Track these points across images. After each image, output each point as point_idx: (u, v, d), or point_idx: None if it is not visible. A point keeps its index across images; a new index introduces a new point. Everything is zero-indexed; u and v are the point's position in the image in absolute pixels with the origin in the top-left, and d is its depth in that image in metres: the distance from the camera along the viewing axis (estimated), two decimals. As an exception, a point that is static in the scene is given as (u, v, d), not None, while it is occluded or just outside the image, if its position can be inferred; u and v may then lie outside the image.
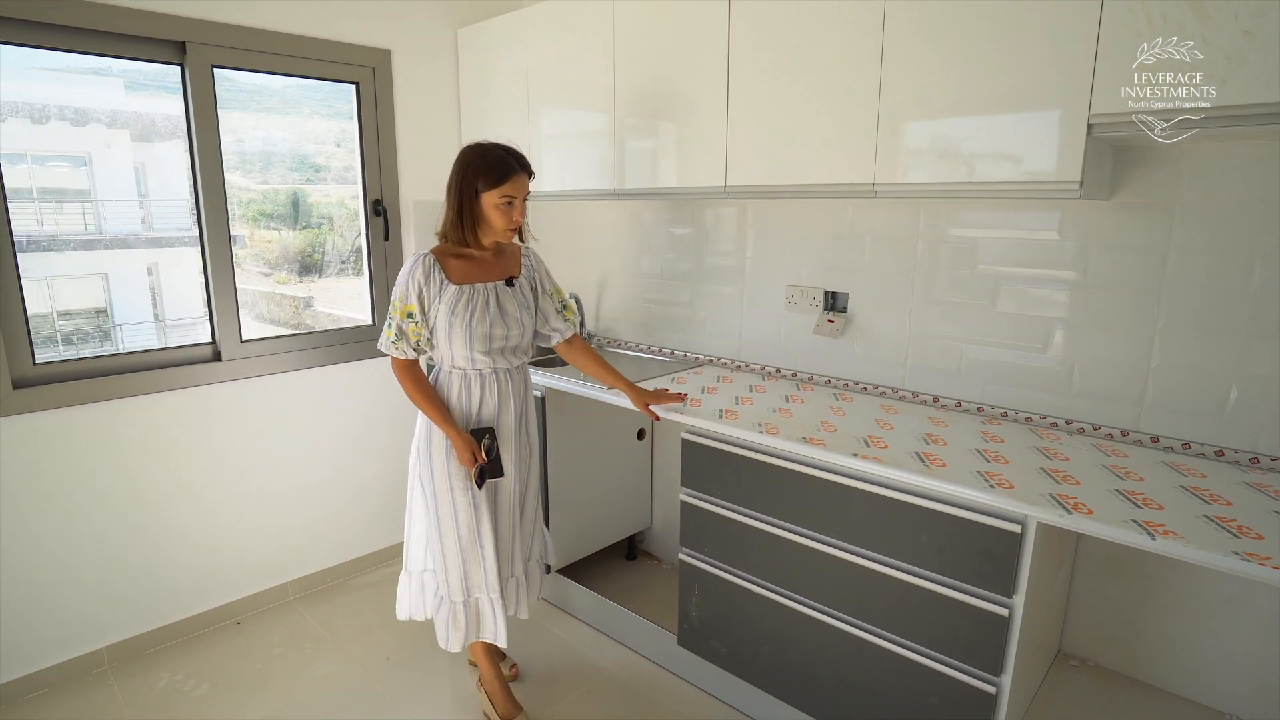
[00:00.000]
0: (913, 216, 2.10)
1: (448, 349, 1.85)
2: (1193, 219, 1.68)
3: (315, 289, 3.29)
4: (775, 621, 1.94)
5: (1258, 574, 1.20)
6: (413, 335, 1.82)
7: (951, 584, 1.59)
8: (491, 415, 1.91)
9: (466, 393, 1.89)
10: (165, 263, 3.68)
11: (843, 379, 2.32)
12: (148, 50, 2.23)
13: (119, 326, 3.16)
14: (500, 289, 1.88)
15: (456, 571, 1.93)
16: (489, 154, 1.77)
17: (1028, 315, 1.95)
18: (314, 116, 3.02)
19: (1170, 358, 1.75)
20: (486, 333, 1.83)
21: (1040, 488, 1.51)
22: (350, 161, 2.82)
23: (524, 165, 1.81)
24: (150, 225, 3.21)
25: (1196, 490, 1.51)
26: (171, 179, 3.12)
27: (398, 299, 1.82)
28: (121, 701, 2.22)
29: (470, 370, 1.88)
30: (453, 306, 1.80)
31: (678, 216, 2.72)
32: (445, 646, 1.99)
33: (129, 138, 2.87)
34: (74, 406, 2.21)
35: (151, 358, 2.37)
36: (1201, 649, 1.80)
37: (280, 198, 2.97)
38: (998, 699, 1.57)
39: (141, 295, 3.60)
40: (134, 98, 2.61)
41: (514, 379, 1.95)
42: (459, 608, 1.96)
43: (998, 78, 1.59)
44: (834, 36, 1.83)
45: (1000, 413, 2.02)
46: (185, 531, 2.49)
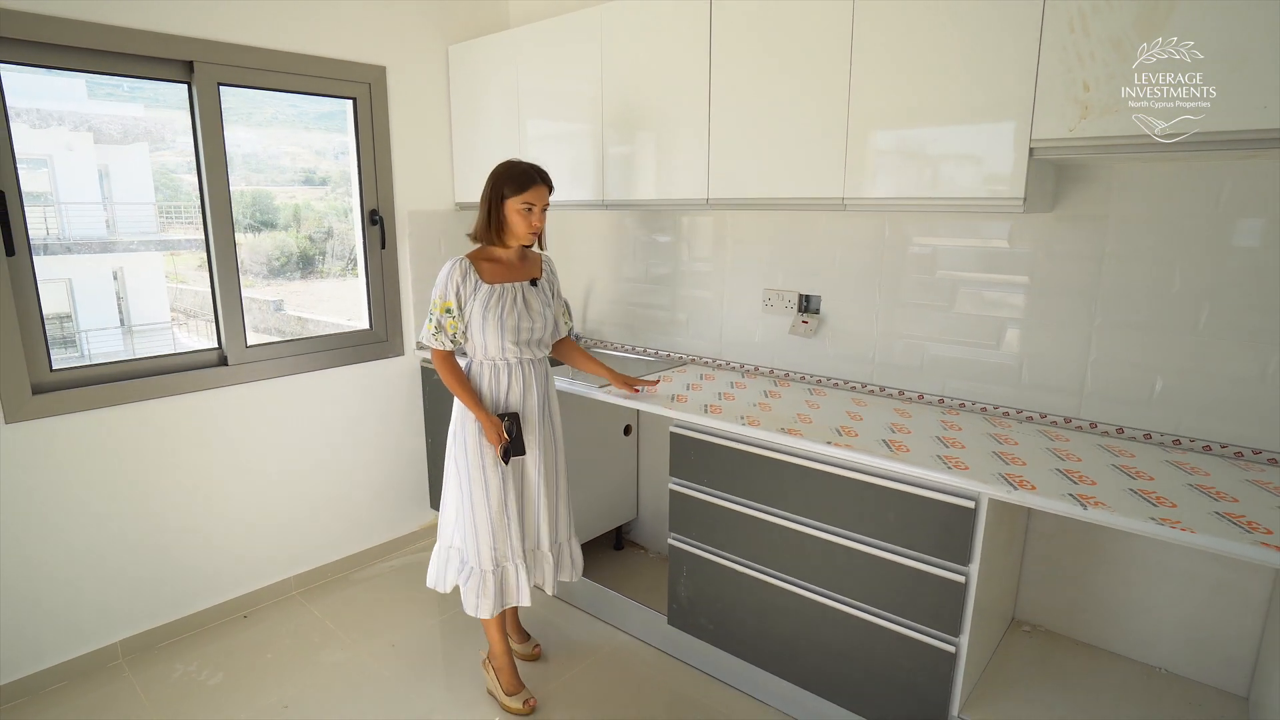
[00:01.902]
0: (879, 226, 2.30)
1: (481, 340, 2.07)
2: (1123, 230, 1.90)
3: (286, 292, 3.37)
4: (757, 597, 2.12)
5: (1170, 536, 1.41)
6: (450, 329, 2.06)
7: (915, 555, 1.79)
8: (518, 401, 2.12)
9: (496, 381, 2.10)
10: (130, 267, 3.68)
11: (817, 375, 2.52)
12: (157, 69, 2.34)
13: (83, 333, 3.17)
14: (526, 288, 2.11)
15: (487, 541, 2.12)
16: (515, 166, 2.04)
17: (982, 316, 2.15)
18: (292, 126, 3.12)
19: (1105, 353, 1.97)
20: (515, 325, 2.06)
21: (991, 469, 1.71)
22: (316, 164, 2.94)
23: (545, 179, 2.06)
24: (114, 229, 3.21)
25: (1125, 468, 1.72)
26: (135, 183, 3.13)
27: (437, 297, 2.06)
28: (139, 691, 2.33)
29: (500, 361, 2.10)
30: (486, 302, 2.04)
31: (660, 225, 2.89)
32: (474, 613, 2.17)
33: (92, 141, 2.89)
34: (88, 411, 2.31)
35: (161, 363, 2.47)
36: (1136, 611, 2.02)
37: (246, 199, 3.02)
38: (957, 657, 1.77)
39: (106, 300, 3.60)
40: (96, 103, 2.62)
41: (537, 369, 2.17)
42: (488, 576, 2.14)
43: (953, 106, 1.79)
44: (806, 65, 2.01)
45: (959, 404, 2.22)
46: (193, 530, 2.60)
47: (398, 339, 3.09)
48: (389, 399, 3.10)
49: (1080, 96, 1.60)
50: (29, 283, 2.16)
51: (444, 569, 2.27)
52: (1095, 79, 1.58)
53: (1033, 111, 1.67)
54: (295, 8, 2.58)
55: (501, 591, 2.17)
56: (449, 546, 2.26)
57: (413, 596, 2.86)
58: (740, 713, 2.20)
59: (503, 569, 2.16)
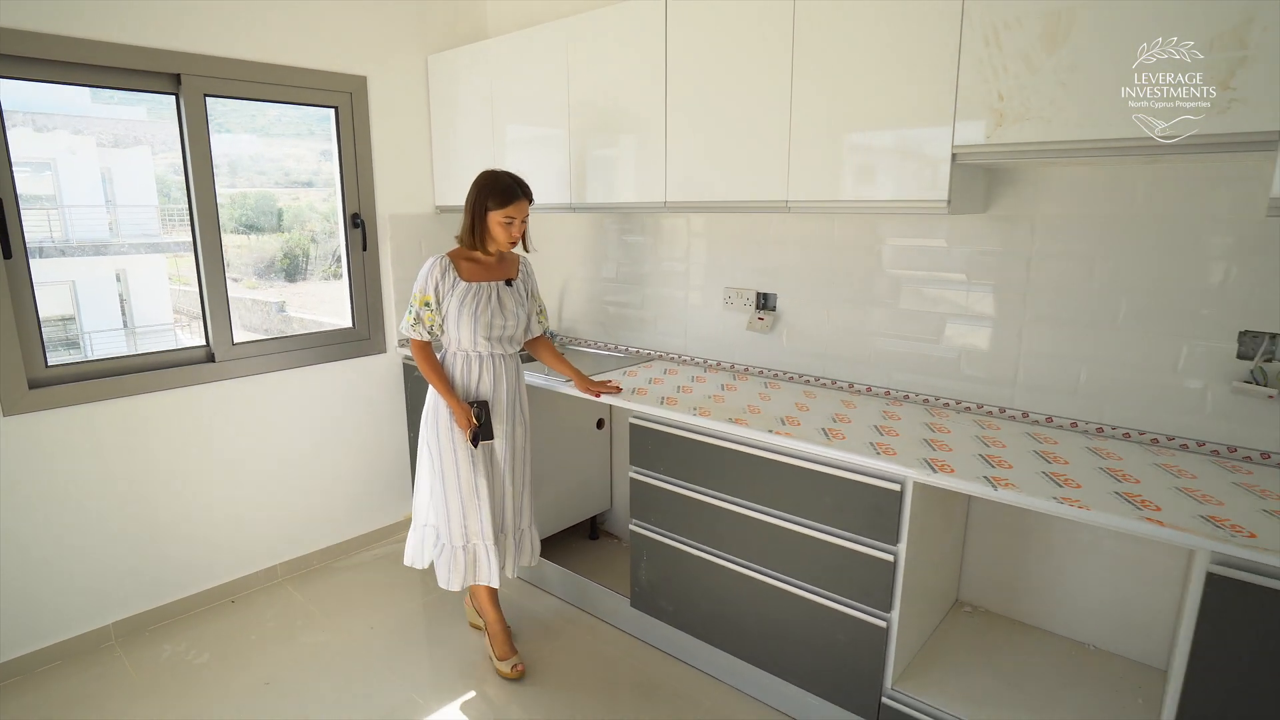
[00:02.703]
0: (829, 227, 2.42)
1: (456, 333, 2.22)
2: (1047, 229, 2.01)
3: (281, 294, 3.48)
4: (711, 580, 2.24)
5: (1069, 513, 1.53)
6: (428, 320, 2.22)
7: (849, 536, 1.90)
8: (488, 391, 2.27)
9: (468, 371, 2.25)
10: (133, 269, 3.77)
11: (772, 369, 2.64)
12: (146, 82, 2.47)
13: (87, 334, 3.26)
14: (501, 287, 2.25)
15: (458, 519, 2.28)
16: (500, 179, 2.17)
17: (924, 312, 2.27)
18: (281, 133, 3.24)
19: (1035, 346, 2.08)
20: (489, 321, 2.21)
21: (918, 454, 1.82)
22: (302, 168, 3.07)
23: (526, 193, 2.19)
24: (117, 231, 3.29)
25: (1045, 454, 1.84)
26: (138, 186, 3.20)
27: (418, 290, 2.21)
28: (130, 669, 2.46)
29: (472, 353, 2.25)
30: (462, 299, 2.19)
31: (629, 227, 3.02)
32: (445, 586, 2.33)
33: (94, 145, 2.97)
34: (82, 405, 2.44)
35: (151, 359, 2.61)
36: (1068, 590, 2.13)
37: (249, 202, 3.13)
38: (889, 631, 1.89)
39: (110, 302, 3.68)
40: (99, 107, 2.69)
41: (507, 363, 2.30)
42: (459, 552, 2.30)
43: (884, 115, 1.91)
44: (752, 78, 2.14)
45: (903, 395, 2.34)
46: (182, 518, 2.73)
47: (380, 337, 3.22)
48: (371, 395, 3.23)
49: (996, 105, 1.72)
50: (25, 283, 2.30)
51: (420, 546, 2.43)
52: (1008, 89, 1.70)
53: (954, 119, 1.79)
54: (279, 21, 2.72)
55: (473, 567, 2.33)
56: (424, 525, 2.41)
57: (393, 583, 2.99)
58: (696, 690, 2.32)
59: (473, 546, 2.31)
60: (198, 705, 2.28)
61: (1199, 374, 1.84)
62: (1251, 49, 1.38)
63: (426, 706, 2.26)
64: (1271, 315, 1.72)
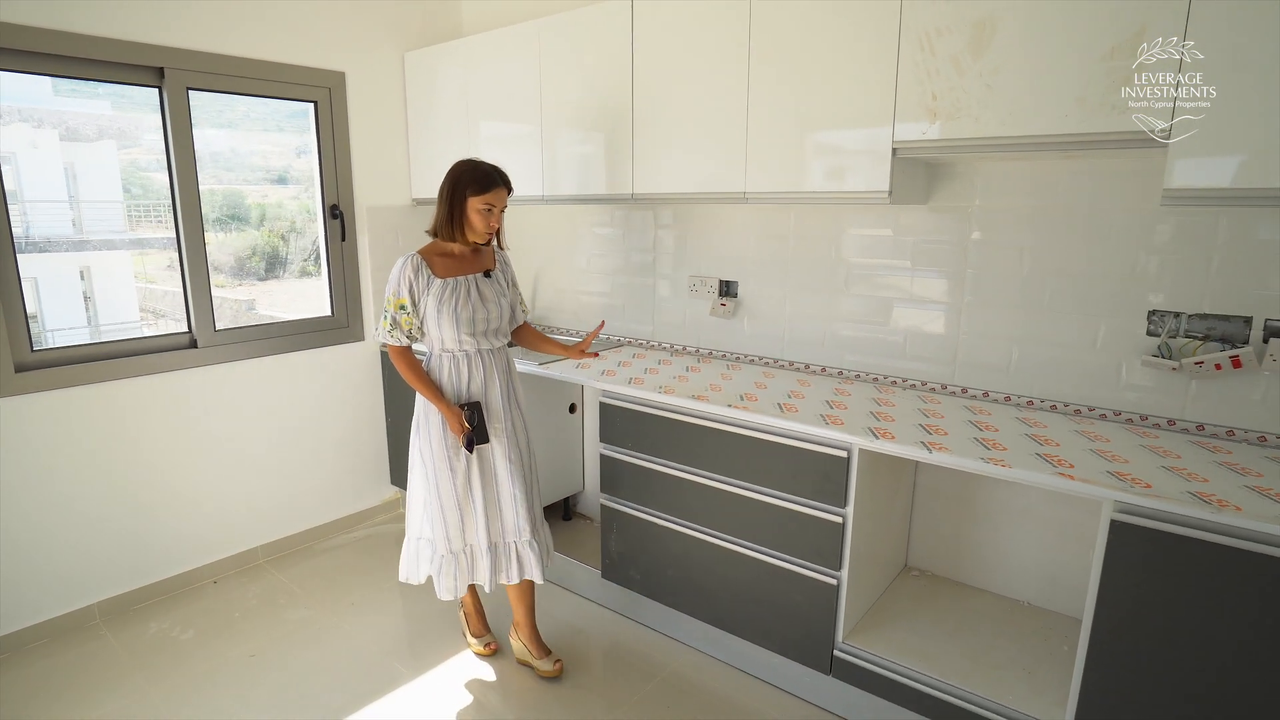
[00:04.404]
0: (784, 217, 2.58)
1: (438, 333, 2.12)
2: (982, 219, 2.19)
3: (254, 292, 3.51)
4: (677, 548, 2.39)
5: (994, 472, 1.70)
6: (405, 324, 2.11)
7: (802, 501, 2.06)
8: (480, 391, 2.17)
9: (456, 372, 2.16)
10: (98, 266, 3.75)
11: (734, 352, 2.80)
12: (130, 75, 2.55)
13: (50, 333, 3.26)
14: (479, 279, 2.17)
15: (455, 525, 2.19)
16: (479, 167, 2.09)
17: (873, 297, 2.44)
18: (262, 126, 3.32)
19: (972, 327, 2.26)
20: (470, 316, 2.12)
21: (864, 424, 1.99)
22: (282, 162, 3.16)
23: (505, 181, 2.12)
24: (81, 227, 3.29)
25: (978, 423, 2.01)
26: (103, 181, 3.18)
27: (391, 294, 2.11)
28: (116, 646, 2.54)
29: (458, 352, 2.15)
30: (440, 296, 2.09)
31: (599, 219, 3.15)
32: (443, 596, 2.23)
33: (57, 138, 2.98)
34: (68, 388, 2.52)
35: (135, 345, 2.69)
36: (1005, 552, 2.32)
37: (216, 198, 3.12)
38: (839, 589, 2.05)
39: (74, 300, 3.66)
40: (62, 100, 2.65)
41: (497, 358, 2.21)
42: (459, 557, 2.22)
43: (831, 112, 2.07)
44: (711, 76, 2.29)
45: (854, 375, 2.51)
46: (166, 500, 2.81)
47: (358, 325, 3.32)
48: (350, 381, 3.33)
49: (930, 105, 1.89)
50: (11, 267, 2.36)
51: (414, 561, 2.33)
52: (941, 90, 1.86)
53: (894, 117, 1.95)
54: (261, 17, 2.81)
55: (469, 571, 2.24)
56: (418, 538, 2.31)
57: (373, 564, 3.10)
58: (662, 653, 2.47)
59: (471, 549, 2.23)
60: (185, 677, 2.37)
61: (1115, 350, 2.03)
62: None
63: (407, 675, 2.38)
64: (1175, 296, 1.92)
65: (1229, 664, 1.47)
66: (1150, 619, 1.55)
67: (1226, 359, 1.83)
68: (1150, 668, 1.57)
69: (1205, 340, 1.89)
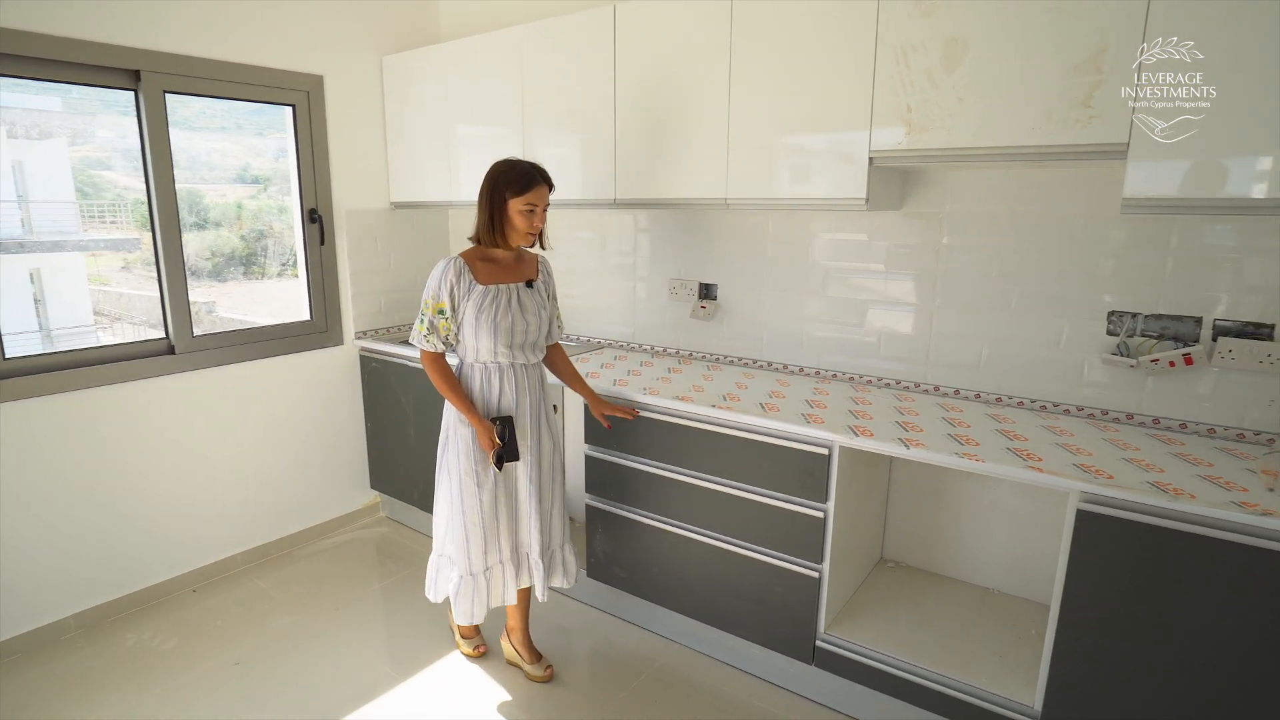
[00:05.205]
0: (763, 222, 2.66)
1: (473, 342, 2.06)
2: (953, 224, 2.29)
3: (220, 293, 3.47)
4: (662, 546, 2.44)
5: (968, 466, 1.79)
6: (443, 329, 2.05)
7: (784, 498, 2.14)
8: (510, 405, 2.11)
9: (487, 384, 2.10)
10: (49, 268, 3.65)
11: (714, 354, 2.87)
12: (105, 78, 2.52)
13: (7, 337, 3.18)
14: (521, 289, 2.10)
15: (478, 545, 2.15)
16: (516, 167, 2.03)
17: (848, 299, 2.53)
18: (239, 129, 3.29)
19: (944, 328, 2.36)
20: (509, 327, 2.05)
21: (844, 423, 2.07)
22: (256, 164, 3.15)
23: (545, 178, 2.05)
24: (30, 227, 3.21)
25: (951, 420, 2.11)
26: (53, 180, 3.10)
27: (430, 297, 2.04)
28: (94, 658, 2.50)
29: (491, 364, 2.09)
30: (480, 303, 2.03)
31: (579, 222, 3.20)
32: (466, 620, 2.20)
33: (4, 135, 2.91)
34: (42, 396, 2.48)
35: (111, 351, 2.65)
36: (976, 542, 2.42)
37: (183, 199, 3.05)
38: (821, 581, 2.13)
39: (23, 303, 3.56)
40: (5, 94, 2.50)
41: (529, 374, 2.16)
42: (479, 579, 2.18)
43: (811, 122, 2.15)
44: (694, 86, 2.35)
45: (831, 374, 2.60)
46: (142, 509, 2.78)
47: (337, 329, 3.31)
48: (330, 386, 3.32)
49: (905, 116, 1.98)
50: (-16, 276, 2.32)
51: (435, 577, 2.30)
52: (916, 103, 1.95)
53: (871, 128, 2.04)
54: (239, 21, 2.79)
55: (487, 595, 2.21)
56: (440, 554, 2.28)
57: (355, 568, 3.10)
58: (649, 649, 2.53)
59: (490, 570, 2.20)
60: (168, 688, 2.35)
61: (1077, 349, 2.14)
62: (1105, 73, 1.66)
63: (395, 678, 2.39)
64: (1132, 297, 2.04)
65: (1188, 642, 1.58)
66: (1114, 602, 1.65)
67: (1179, 356, 1.95)
68: (1115, 648, 1.67)
69: (1160, 339, 2.01)
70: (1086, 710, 1.73)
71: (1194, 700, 1.59)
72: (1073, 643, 1.73)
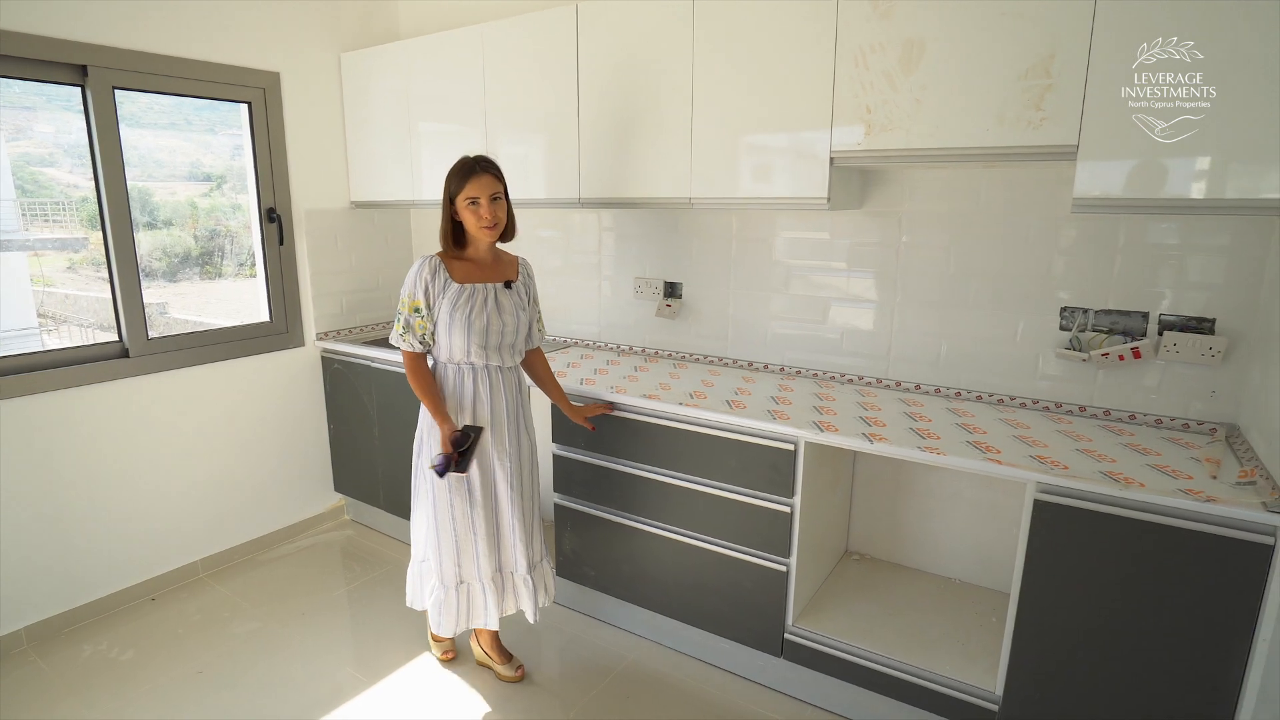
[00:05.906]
0: (726, 221, 2.68)
1: (447, 341, 2.01)
2: (912, 223, 2.34)
3: (173, 294, 3.38)
4: (630, 543, 2.45)
5: (930, 459, 1.84)
6: (418, 328, 2.00)
7: (751, 494, 2.16)
8: (485, 407, 2.07)
9: (460, 385, 2.06)
10: None
11: (680, 352, 2.88)
12: (49, 73, 2.44)
13: None
14: (499, 290, 2.06)
15: (451, 557, 2.11)
16: (459, 161, 1.99)
17: (811, 297, 2.57)
18: (190, 126, 3.21)
19: (904, 324, 2.41)
20: (484, 327, 2.01)
21: (808, 418, 2.10)
22: (208, 161, 3.08)
23: (487, 166, 1.98)
24: None
25: (913, 414, 2.16)
26: None
27: (406, 295, 2.00)
28: (47, 671, 2.43)
29: (464, 364, 2.05)
30: (455, 302, 1.99)
31: (543, 221, 3.19)
32: (437, 631, 2.19)
33: None
34: (-13, 403, 2.39)
35: (62, 355, 2.57)
36: (937, 534, 2.48)
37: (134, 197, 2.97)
38: (789, 575, 2.16)
39: None
40: None
41: (506, 377, 2.11)
42: (451, 593, 2.14)
43: (772, 123, 2.17)
44: (657, 85, 2.36)
45: (795, 371, 2.63)
46: (97, 516, 2.70)
47: (298, 330, 3.25)
48: (290, 388, 3.26)
49: (865, 117, 2.01)
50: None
51: (418, 585, 2.29)
52: (875, 104, 1.99)
53: (831, 128, 2.07)
54: (191, 15, 2.72)
55: (468, 611, 2.17)
56: (421, 560, 2.25)
57: (319, 573, 3.05)
58: (619, 646, 2.54)
59: (468, 586, 2.16)
60: (127, 699, 2.29)
61: (1032, 344, 2.21)
62: (1054, 78, 1.71)
63: (364, 682, 2.37)
64: (1083, 293, 2.10)
65: (1144, 625, 1.64)
66: (1070, 588, 1.71)
67: (1128, 350, 2.03)
68: (1073, 632, 1.73)
69: (1110, 334, 2.08)
70: (1046, 693, 1.79)
71: (1149, 679, 1.65)
72: (1032, 629, 1.78)
